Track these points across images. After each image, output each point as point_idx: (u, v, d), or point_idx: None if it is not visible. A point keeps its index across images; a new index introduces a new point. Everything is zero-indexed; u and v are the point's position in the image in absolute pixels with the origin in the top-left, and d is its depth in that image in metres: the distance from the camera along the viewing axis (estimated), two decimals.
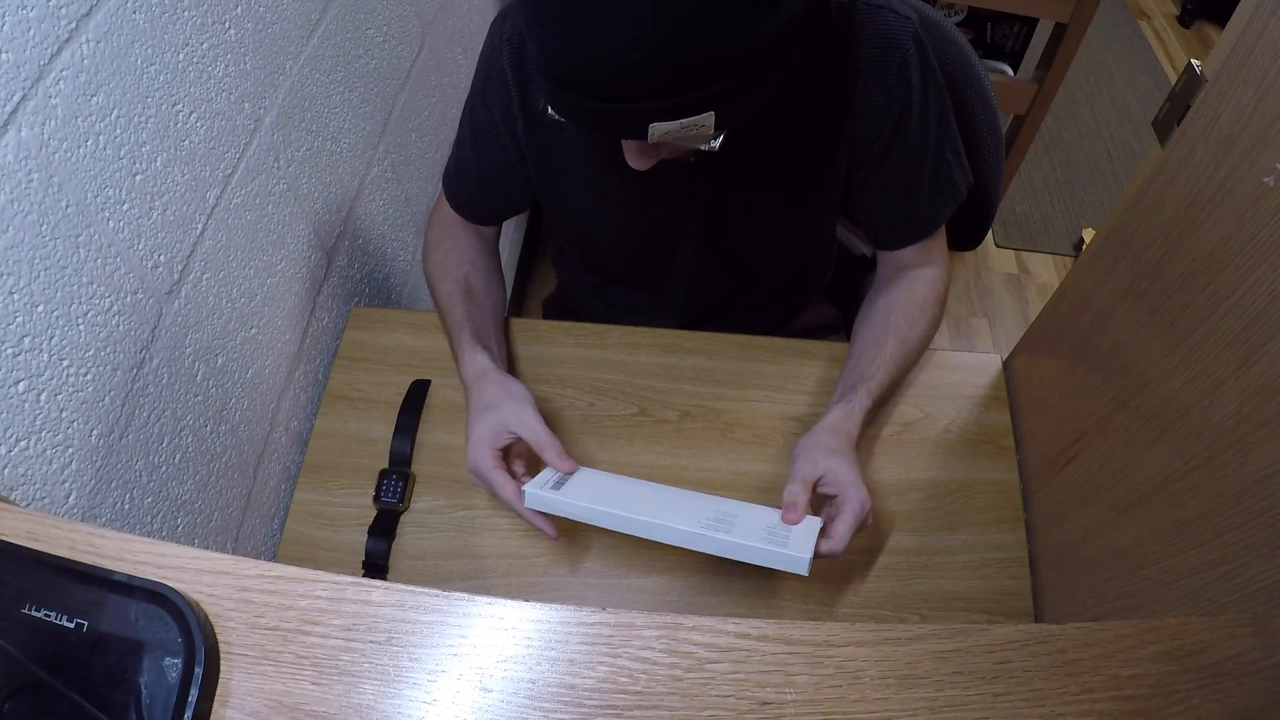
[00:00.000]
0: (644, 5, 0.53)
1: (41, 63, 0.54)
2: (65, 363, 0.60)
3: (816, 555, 0.70)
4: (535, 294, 1.96)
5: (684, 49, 0.55)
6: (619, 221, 0.90)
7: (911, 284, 0.91)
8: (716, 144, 0.64)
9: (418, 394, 0.94)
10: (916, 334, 0.89)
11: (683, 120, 0.59)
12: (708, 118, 0.60)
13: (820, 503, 0.77)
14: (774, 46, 0.59)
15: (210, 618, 0.44)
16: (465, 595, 0.45)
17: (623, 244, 0.95)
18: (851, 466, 0.76)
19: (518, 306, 1.90)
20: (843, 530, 0.71)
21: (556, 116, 0.64)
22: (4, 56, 0.51)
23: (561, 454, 0.75)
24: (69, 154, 0.58)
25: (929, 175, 0.84)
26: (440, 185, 0.96)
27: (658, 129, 0.59)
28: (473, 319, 0.87)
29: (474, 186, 0.92)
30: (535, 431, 0.76)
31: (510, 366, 0.96)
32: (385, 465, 0.90)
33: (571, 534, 0.87)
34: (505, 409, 0.77)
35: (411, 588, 0.45)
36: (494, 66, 0.81)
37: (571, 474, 0.76)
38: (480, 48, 0.84)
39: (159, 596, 0.42)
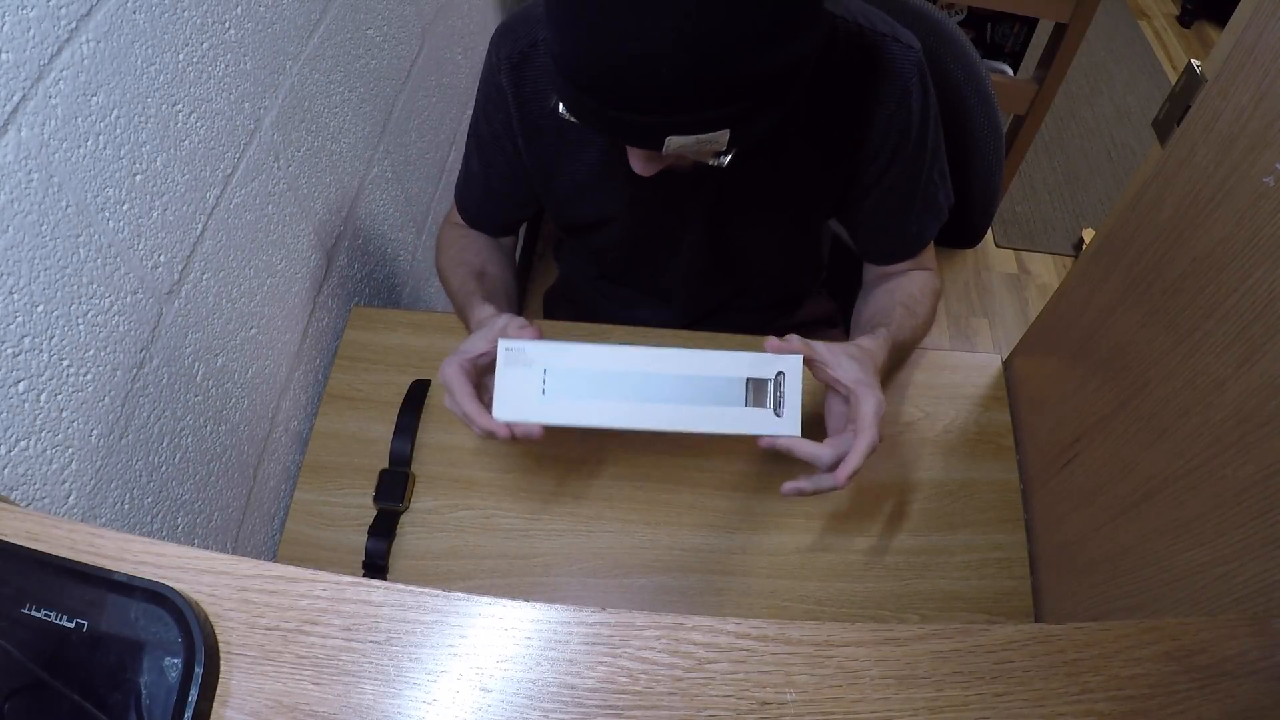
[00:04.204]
0: (673, 21, 0.54)
1: (41, 63, 0.54)
2: (65, 363, 0.60)
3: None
4: (536, 286, 1.96)
5: (709, 68, 0.56)
6: (619, 227, 0.91)
7: (909, 277, 0.92)
8: (725, 160, 0.65)
9: (418, 394, 0.94)
10: (921, 312, 0.89)
11: (699, 135, 0.60)
12: (722, 135, 0.61)
13: (821, 401, 0.74)
14: (791, 71, 0.60)
15: (210, 618, 0.44)
16: (465, 595, 0.45)
17: (623, 248, 0.96)
18: (872, 374, 0.72)
19: (518, 300, 1.90)
20: (862, 447, 0.67)
21: (568, 116, 0.64)
22: (4, 56, 0.51)
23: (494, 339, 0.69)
24: (69, 154, 0.58)
25: (920, 196, 0.86)
26: (453, 199, 0.98)
27: (673, 142, 0.60)
28: (484, 288, 0.87)
29: (482, 198, 0.94)
30: (480, 338, 0.71)
31: None
32: (385, 465, 0.90)
33: (570, 530, 0.87)
34: (484, 329, 0.73)
35: (411, 588, 0.45)
36: (494, 85, 0.82)
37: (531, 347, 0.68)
38: (481, 49, 0.85)
39: (159, 596, 0.42)
